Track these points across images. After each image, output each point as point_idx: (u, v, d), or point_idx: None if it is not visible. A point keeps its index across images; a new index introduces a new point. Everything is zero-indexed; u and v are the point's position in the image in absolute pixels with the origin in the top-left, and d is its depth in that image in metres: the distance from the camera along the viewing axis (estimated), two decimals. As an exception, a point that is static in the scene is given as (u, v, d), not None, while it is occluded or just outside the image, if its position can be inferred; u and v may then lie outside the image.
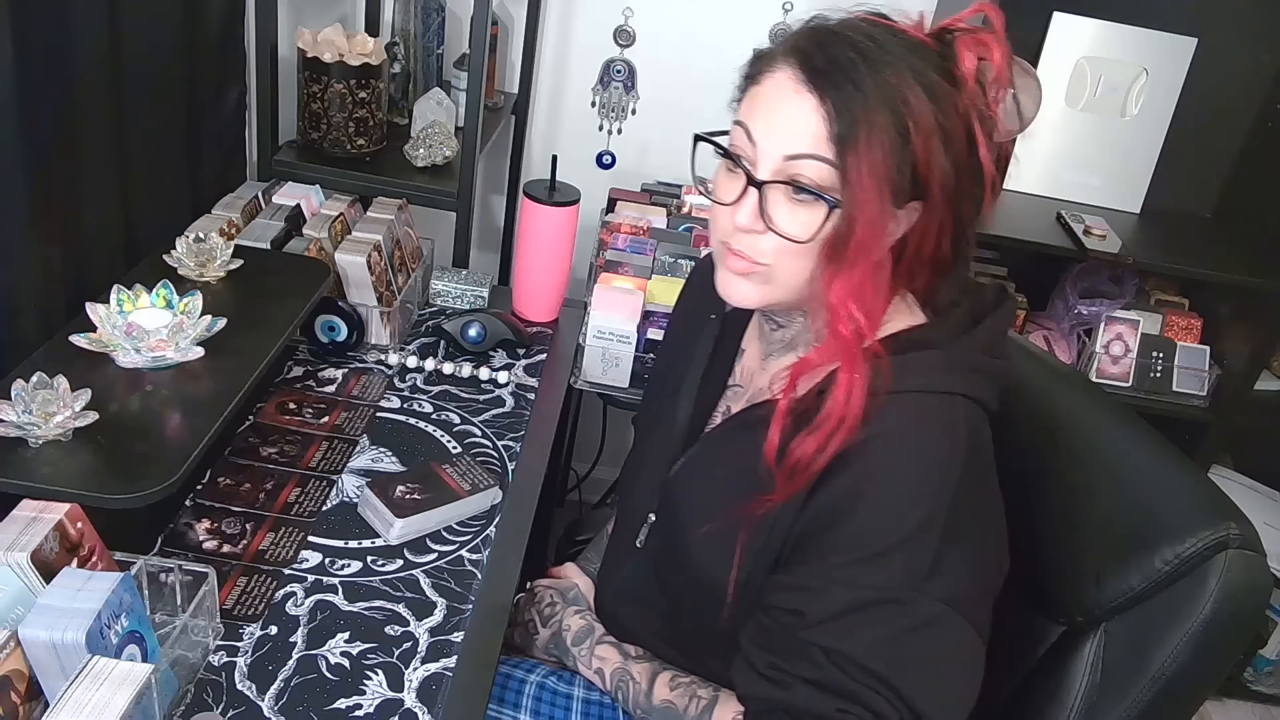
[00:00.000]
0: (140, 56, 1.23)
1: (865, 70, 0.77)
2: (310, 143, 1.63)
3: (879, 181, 0.76)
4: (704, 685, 0.94)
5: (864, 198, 0.76)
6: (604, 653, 1.02)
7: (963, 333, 0.86)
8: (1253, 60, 1.89)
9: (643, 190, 1.95)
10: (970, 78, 0.79)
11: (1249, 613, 0.81)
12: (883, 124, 0.76)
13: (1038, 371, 1.05)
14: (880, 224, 0.78)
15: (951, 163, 0.79)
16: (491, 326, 1.45)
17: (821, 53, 0.78)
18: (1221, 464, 2.14)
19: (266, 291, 1.24)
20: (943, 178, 0.79)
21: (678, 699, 0.94)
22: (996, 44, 0.80)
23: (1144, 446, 0.94)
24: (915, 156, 0.77)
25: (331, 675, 0.91)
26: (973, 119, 0.79)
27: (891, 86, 0.76)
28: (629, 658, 1.00)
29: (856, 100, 0.76)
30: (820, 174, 0.78)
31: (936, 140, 0.78)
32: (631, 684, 0.98)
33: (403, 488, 1.11)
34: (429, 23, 1.84)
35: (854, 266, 0.79)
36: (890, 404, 0.80)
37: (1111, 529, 0.88)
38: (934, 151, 0.78)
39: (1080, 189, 1.95)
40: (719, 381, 1.01)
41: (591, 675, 1.02)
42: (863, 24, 0.81)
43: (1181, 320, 1.95)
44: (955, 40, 0.81)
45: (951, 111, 0.78)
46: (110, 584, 0.76)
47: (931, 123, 0.77)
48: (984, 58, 0.80)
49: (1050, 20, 1.85)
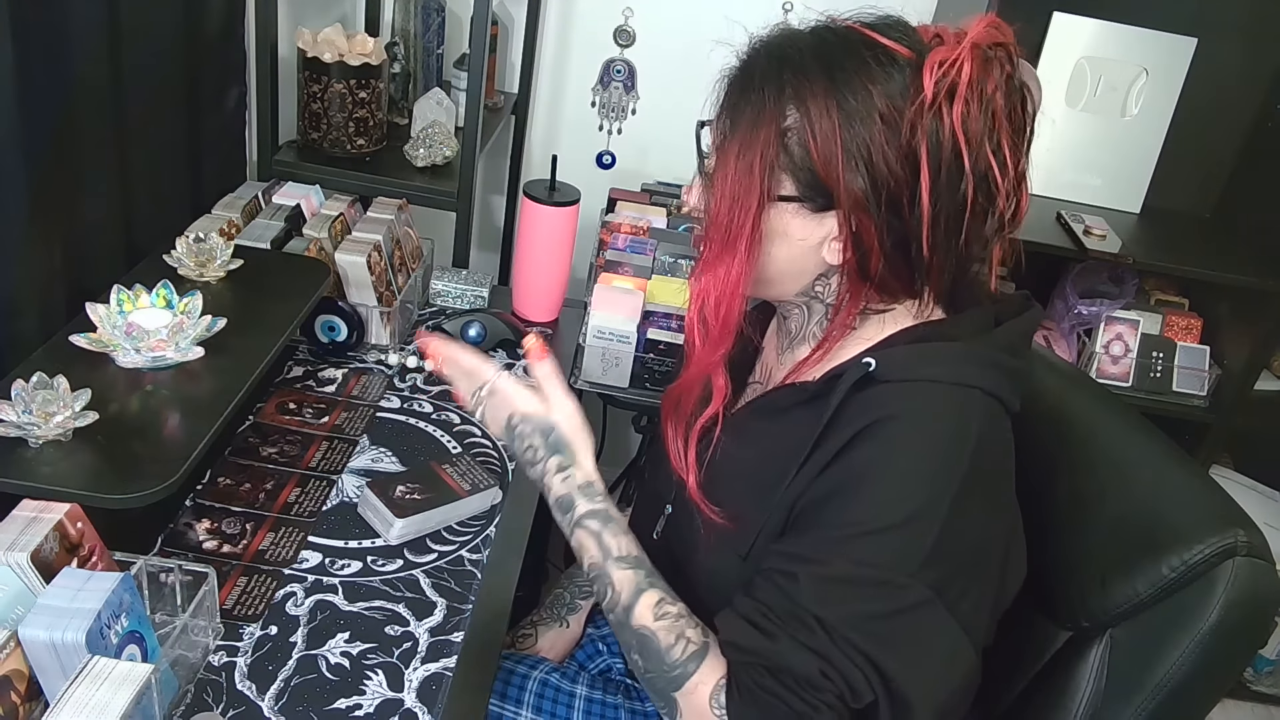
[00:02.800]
0: (140, 57, 1.23)
1: (773, 72, 0.81)
2: (310, 143, 1.63)
3: (745, 173, 0.81)
4: (692, 622, 0.84)
5: (721, 185, 0.83)
6: (583, 539, 0.89)
7: (983, 331, 0.86)
8: (1253, 60, 1.89)
9: (643, 190, 1.95)
10: (928, 96, 0.77)
11: (1256, 621, 0.81)
12: (769, 122, 0.80)
13: (1045, 373, 1.04)
14: (740, 214, 0.82)
15: (866, 175, 0.79)
16: (491, 326, 1.45)
17: (750, 53, 0.85)
18: (1221, 464, 2.14)
19: (266, 291, 1.24)
20: (849, 188, 0.79)
21: (661, 631, 0.83)
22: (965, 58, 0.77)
23: (1152, 451, 0.93)
24: (813, 164, 0.80)
25: (331, 675, 0.91)
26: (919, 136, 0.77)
27: (797, 90, 0.80)
28: (609, 556, 0.87)
29: (745, 100, 0.82)
30: None
31: (839, 149, 0.79)
32: (610, 590, 0.86)
33: (403, 488, 1.11)
34: (429, 23, 1.84)
35: (710, 252, 0.85)
36: (901, 391, 0.80)
37: (1118, 535, 0.88)
38: (833, 159, 0.79)
39: (1080, 189, 1.95)
40: (741, 379, 1.02)
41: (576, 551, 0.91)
42: (827, 30, 0.83)
43: (1181, 320, 1.95)
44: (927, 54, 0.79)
45: (875, 125, 0.78)
46: (110, 584, 0.76)
47: (834, 131, 0.79)
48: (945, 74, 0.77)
49: (1050, 20, 1.85)
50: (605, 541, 0.87)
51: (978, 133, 0.78)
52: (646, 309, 1.50)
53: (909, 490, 0.77)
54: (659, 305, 1.51)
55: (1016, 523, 0.86)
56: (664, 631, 0.83)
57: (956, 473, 0.77)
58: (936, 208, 0.79)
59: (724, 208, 0.83)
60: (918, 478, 0.78)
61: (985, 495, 0.80)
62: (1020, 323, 0.88)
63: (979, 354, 0.83)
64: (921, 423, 0.79)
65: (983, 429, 0.80)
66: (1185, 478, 0.90)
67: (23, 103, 1.00)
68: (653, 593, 0.85)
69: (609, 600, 0.87)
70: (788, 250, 0.85)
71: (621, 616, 0.85)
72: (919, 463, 0.78)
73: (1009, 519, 0.85)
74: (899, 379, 0.81)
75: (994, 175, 0.79)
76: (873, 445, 0.79)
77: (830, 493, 0.80)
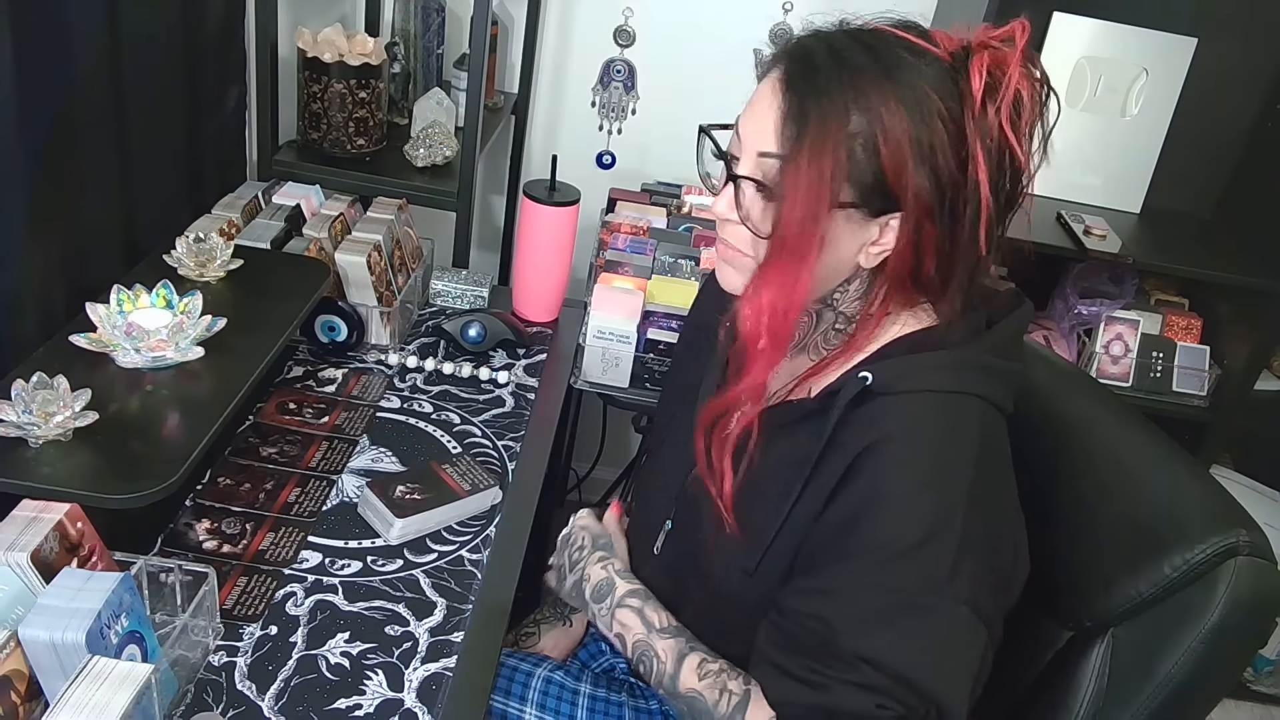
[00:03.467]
0: (140, 57, 1.23)
1: (835, 75, 0.78)
2: (310, 143, 1.63)
3: (816, 182, 0.78)
4: (733, 674, 0.89)
5: (793, 195, 0.78)
6: (626, 618, 0.97)
7: (974, 335, 0.86)
8: (1253, 60, 1.89)
9: (643, 190, 1.95)
10: (978, 96, 0.78)
11: (1258, 621, 0.81)
12: (837, 128, 0.77)
13: (1046, 373, 1.04)
14: (810, 224, 0.79)
15: (932, 178, 0.79)
16: (491, 326, 1.45)
17: (806, 58, 0.80)
18: (1221, 464, 2.14)
19: (266, 291, 1.24)
20: (917, 191, 0.79)
21: (706, 690, 0.89)
22: (1015, 62, 0.79)
23: (1153, 451, 0.94)
24: (882, 168, 0.78)
25: (331, 675, 0.91)
26: (973, 138, 0.79)
27: (861, 94, 0.77)
28: (653, 629, 0.95)
29: (816, 105, 0.78)
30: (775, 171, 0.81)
31: (910, 154, 0.78)
32: (655, 661, 0.93)
33: (403, 488, 1.11)
34: (429, 23, 1.84)
35: (771, 263, 0.81)
36: (900, 404, 0.81)
37: (1120, 534, 0.88)
38: (904, 164, 0.78)
39: (1080, 189, 1.95)
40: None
41: (613, 639, 0.98)
42: (863, 32, 0.82)
43: (1181, 320, 1.95)
44: (970, 58, 0.80)
45: (939, 127, 0.78)
46: (110, 584, 0.75)
47: (904, 136, 0.77)
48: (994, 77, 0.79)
49: (1050, 20, 1.85)
50: (648, 616, 0.96)
51: (1018, 132, 0.80)
52: (646, 309, 1.50)
53: (921, 509, 0.78)
54: (659, 305, 1.51)
55: (1020, 522, 0.87)
56: (708, 690, 0.88)
57: (963, 483, 0.78)
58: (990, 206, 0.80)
59: (794, 217, 0.79)
60: (927, 495, 0.78)
61: (993, 499, 0.81)
62: (1011, 322, 0.89)
63: (971, 359, 0.84)
64: (922, 440, 0.80)
65: (983, 435, 0.81)
66: (1187, 477, 0.90)
67: (23, 103, 1.00)
68: (694, 656, 0.91)
69: (656, 673, 0.93)
70: (829, 257, 0.83)
71: (670, 685, 0.92)
72: (926, 480, 0.79)
73: (1014, 519, 0.86)
74: (896, 391, 0.81)
75: (1025, 174, 0.82)
76: (877, 470, 0.79)
77: (842, 525, 0.80)
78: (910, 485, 0.79)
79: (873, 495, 0.79)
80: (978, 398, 0.82)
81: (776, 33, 1.93)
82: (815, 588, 0.81)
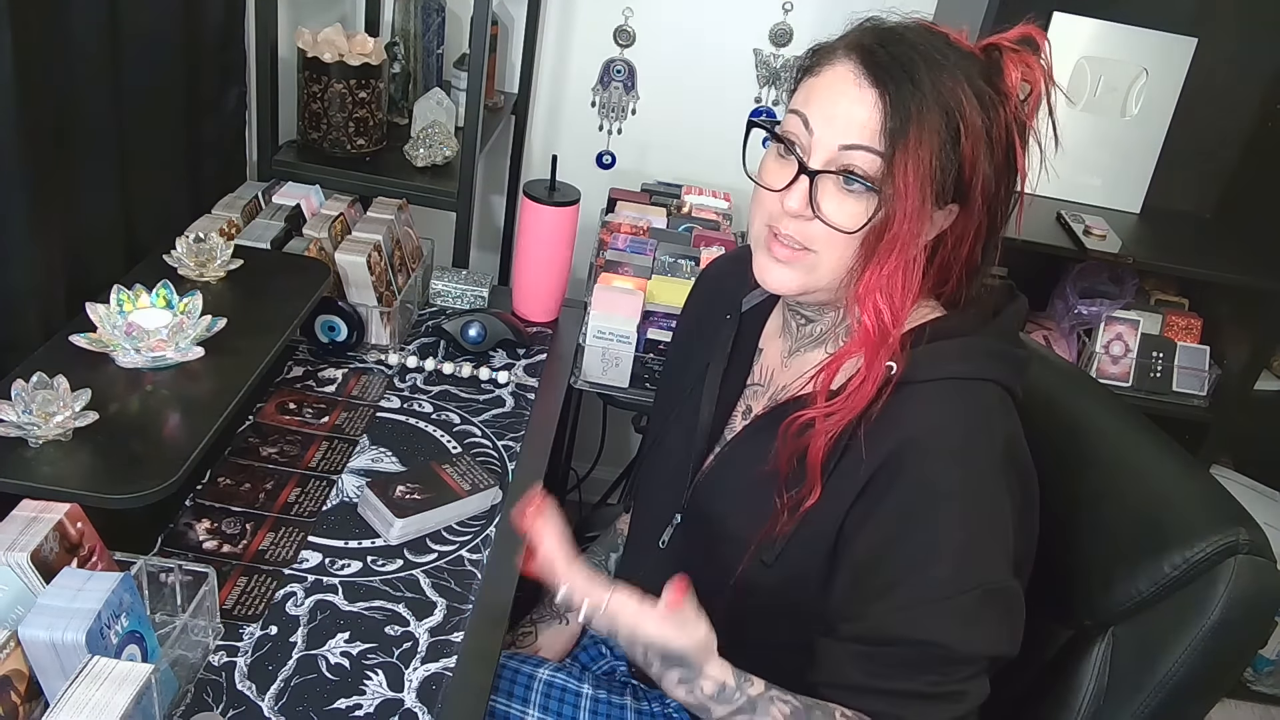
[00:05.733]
0: (140, 56, 1.23)
1: (924, 69, 0.79)
2: (310, 143, 1.63)
3: (922, 179, 0.79)
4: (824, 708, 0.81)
5: (906, 192, 0.79)
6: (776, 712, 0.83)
7: (984, 323, 0.88)
8: (1253, 60, 1.89)
9: (643, 190, 1.95)
10: (1014, 92, 0.82)
11: (1258, 619, 0.81)
12: (935, 124, 0.78)
13: (1047, 372, 1.04)
14: (918, 221, 0.80)
15: (993, 170, 0.82)
16: (491, 326, 1.45)
17: (884, 49, 0.81)
18: (1221, 464, 2.14)
19: (266, 291, 1.24)
20: (984, 183, 0.82)
21: None
22: (1039, 67, 0.83)
23: (1153, 450, 0.94)
24: (962, 159, 0.80)
25: (331, 675, 0.91)
26: (1014, 131, 0.82)
27: (948, 88, 0.79)
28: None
29: (914, 97, 0.78)
30: (871, 165, 0.80)
31: (983, 146, 0.80)
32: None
33: (403, 488, 1.11)
34: (429, 23, 1.84)
35: (886, 260, 0.81)
36: (923, 394, 0.82)
37: (1120, 533, 0.88)
38: (979, 156, 0.80)
39: (1080, 189, 1.95)
40: (738, 381, 1.02)
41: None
42: (920, 28, 0.84)
43: (1181, 320, 1.95)
44: (1003, 56, 0.83)
45: (997, 121, 0.81)
46: (110, 584, 0.75)
47: (981, 128, 0.80)
48: (1026, 78, 0.82)
49: (1050, 20, 1.85)
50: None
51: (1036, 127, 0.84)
52: (646, 309, 1.50)
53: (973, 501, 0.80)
54: (659, 305, 1.51)
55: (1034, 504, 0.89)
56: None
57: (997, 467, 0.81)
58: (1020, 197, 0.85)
59: (908, 211, 0.79)
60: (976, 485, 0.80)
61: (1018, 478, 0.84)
62: (1012, 313, 0.91)
63: (985, 345, 0.86)
64: (948, 438, 0.81)
65: (1005, 426, 0.83)
66: (1187, 476, 0.90)
67: (23, 103, 1.00)
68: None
69: None
70: None
71: None
72: (969, 470, 0.81)
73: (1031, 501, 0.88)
74: (919, 380, 0.83)
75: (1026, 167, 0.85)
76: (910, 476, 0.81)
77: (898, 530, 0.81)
78: (957, 478, 0.80)
79: (923, 493, 0.80)
80: (994, 383, 0.84)
81: (776, 33, 1.94)
82: (899, 606, 0.80)
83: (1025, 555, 0.86)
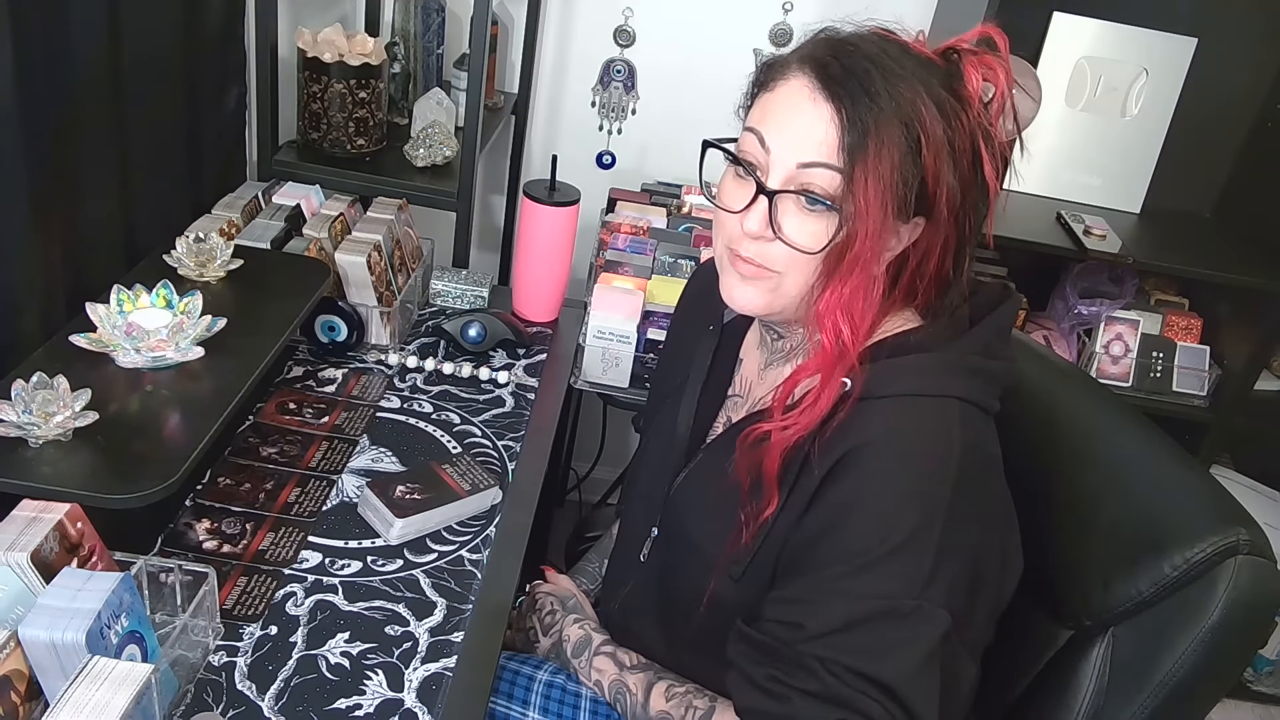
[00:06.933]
0: (140, 57, 1.23)
1: (880, 81, 0.77)
2: (310, 143, 1.63)
3: (884, 194, 0.76)
4: (700, 694, 0.92)
5: (867, 209, 0.76)
6: (601, 664, 1.00)
7: (958, 335, 0.85)
8: (1253, 60, 1.89)
9: (643, 190, 1.95)
10: (975, 97, 0.80)
11: (1258, 619, 0.81)
12: (893, 136, 0.76)
13: (1045, 372, 1.04)
14: (880, 237, 0.78)
15: (958, 180, 0.79)
16: (491, 326, 1.45)
17: (837, 62, 0.78)
18: (1221, 464, 2.14)
19: (266, 291, 1.24)
20: (949, 195, 0.79)
21: (673, 709, 0.92)
22: (1000, 67, 0.80)
23: (1153, 450, 0.93)
24: (924, 171, 0.78)
25: (331, 675, 0.91)
26: (978, 137, 0.80)
27: (905, 100, 0.77)
28: (624, 668, 0.99)
29: (870, 111, 0.76)
30: (830, 183, 0.78)
31: (946, 156, 0.78)
32: (627, 695, 0.97)
33: (403, 488, 1.11)
34: (429, 23, 1.84)
35: (847, 278, 0.79)
36: (879, 409, 0.80)
37: (1120, 533, 0.88)
38: (942, 168, 0.78)
39: (1080, 189, 1.95)
40: (719, 392, 1.01)
41: (591, 686, 1.01)
42: (875, 37, 0.81)
43: (1181, 320, 1.95)
44: (962, 60, 0.81)
45: (960, 129, 0.79)
46: (110, 584, 0.75)
47: (943, 138, 0.78)
48: (988, 80, 0.80)
49: (1050, 20, 1.85)
50: (619, 657, 1.00)
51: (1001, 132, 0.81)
52: (646, 309, 1.50)
53: (899, 515, 0.76)
54: (659, 305, 1.51)
55: (1012, 520, 0.86)
56: (675, 708, 0.92)
57: (944, 486, 0.77)
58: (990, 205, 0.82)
59: (871, 234, 0.77)
60: (906, 501, 0.77)
61: (976, 501, 0.80)
62: (997, 318, 0.88)
63: (953, 361, 0.83)
64: (901, 443, 0.79)
65: (965, 437, 0.79)
66: (1187, 476, 0.90)
67: (23, 103, 1.00)
68: (662, 683, 0.95)
69: (630, 704, 0.96)
70: None
71: (641, 714, 0.95)
72: (906, 484, 0.78)
73: (1003, 519, 0.85)
74: (875, 396, 0.80)
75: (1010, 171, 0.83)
76: (852, 479, 0.78)
77: (821, 531, 0.80)
78: (884, 493, 0.77)
79: (847, 504, 0.78)
80: (957, 400, 0.81)
81: (776, 33, 1.94)
82: (785, 596, 0.80)
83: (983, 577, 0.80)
